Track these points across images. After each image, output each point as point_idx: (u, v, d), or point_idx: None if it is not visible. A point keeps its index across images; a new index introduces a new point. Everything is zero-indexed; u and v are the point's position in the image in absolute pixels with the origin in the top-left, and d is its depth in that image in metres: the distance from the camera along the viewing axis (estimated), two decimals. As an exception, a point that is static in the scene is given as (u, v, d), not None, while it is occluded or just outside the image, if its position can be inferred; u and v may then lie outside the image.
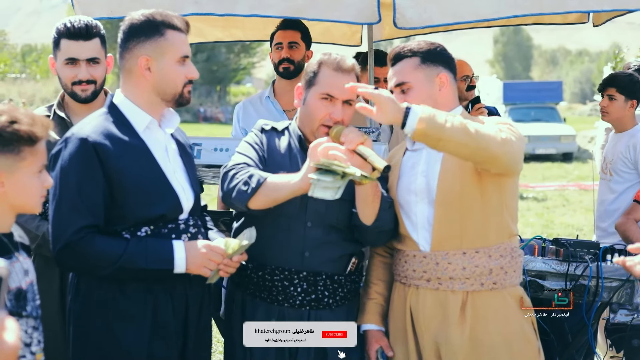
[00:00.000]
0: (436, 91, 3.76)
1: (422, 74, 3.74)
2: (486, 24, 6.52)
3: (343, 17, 4.58)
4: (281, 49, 5.75)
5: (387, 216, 3.72)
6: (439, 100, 3.74)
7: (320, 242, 3.75)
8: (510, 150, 3.48)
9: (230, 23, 6.96)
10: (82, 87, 4.16)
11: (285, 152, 3.84)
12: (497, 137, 3.43)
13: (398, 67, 3.78)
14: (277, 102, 5.79)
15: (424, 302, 3.76)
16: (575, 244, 4.60)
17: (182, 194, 3.52)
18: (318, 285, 3.77)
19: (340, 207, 3.71)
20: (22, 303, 2.90)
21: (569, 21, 6.50)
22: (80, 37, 4.12)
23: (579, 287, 4.51)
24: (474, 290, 3.70)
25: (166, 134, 3.59)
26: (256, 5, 4.59)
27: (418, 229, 3.77)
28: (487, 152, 3.43)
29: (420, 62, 3.75)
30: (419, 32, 6.11)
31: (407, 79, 3.75)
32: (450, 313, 3.70)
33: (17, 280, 2.89)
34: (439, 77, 3.76)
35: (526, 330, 3.77)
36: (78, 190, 3.32)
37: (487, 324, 3.69)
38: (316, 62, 3.79)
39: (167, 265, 3.39)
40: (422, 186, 3.75)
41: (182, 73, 3.49)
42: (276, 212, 3.70)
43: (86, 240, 3.30)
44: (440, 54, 3.80)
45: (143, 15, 3.46)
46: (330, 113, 3.70)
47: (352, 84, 3.55)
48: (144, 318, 3.42)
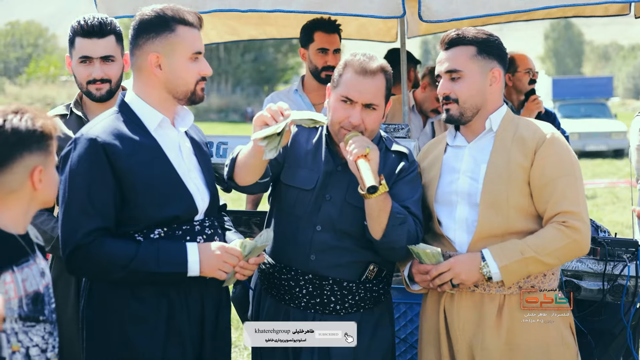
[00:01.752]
0: (487, 86, 3.67)
1: (477, 66, 3.64)
2: (524, 16, 6.44)
3: (366, 11, 4.49)
4: (326, 54, 5.67)
5: (397, 233, 3.56)
6: (487, 96, 3.67)
7: (329, 246, 3.67)
8: (584, 246, 3.57)
9: (264, 20, 6.96)
10: (96, 85, 4.10)
11: (311, 148, 3.78)
12: (573, 246, 3.53)
13: (452, 52, 3.67)
14: (305, 95, 5.75)
15: (459, 304, 3.67)
16: (613, 243, 4.46)
17: (196, 194, 3.44)
18: (324, 290, 3.69)
19: (354, 214, 3.63)
20: (39, 307, 2.86)
21: (610, 13, 6.38)
22: (93, 35, 4.06)
23: (617, 287, 4.38)
24: (511, 294, 3.60)
25: (180, 132, 3.51)
26: (279, 0, 4.51)
27: (456, 229, 3.69)
28: (573, 257, 3.69)
29: (477, 53, 3.64)
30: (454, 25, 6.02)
31: (460, 67, 3.65)
32: (487, 317, 3.62)
33: (34, 283, 2.85)
34: (492, 71, 3.66)
35: (564, 335, 3.67)
36: (87, 192, 3.25)
37: (526, 328, 3.60)
38: (343, 62, 3.71)
39: (180, 269, 3.31)
40: (465, 187, 3.66)
41: (194, 70, 3.40)
42: (290, 211, 3.70)
43: (96, 243, 3.23)
44: (498, 47, 3.70)
45: (153, 11, 3.38)
46: (349, 116, 3.61)
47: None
48: (158, 322, 3.35)
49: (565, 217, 3.49)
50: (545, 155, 3.55)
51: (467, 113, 3.66)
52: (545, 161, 3.55)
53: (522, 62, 6.82)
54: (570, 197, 3.51)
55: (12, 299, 2.75)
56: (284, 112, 3.41)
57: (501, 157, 3.60)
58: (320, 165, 3.72)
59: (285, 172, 3.76)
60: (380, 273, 3.77)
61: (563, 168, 3.55)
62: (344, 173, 3.64)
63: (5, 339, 2.72)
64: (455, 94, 3.64)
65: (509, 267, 3.49)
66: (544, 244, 3.49)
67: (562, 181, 3.53)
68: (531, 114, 6.53)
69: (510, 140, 3.62)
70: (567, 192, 3.52)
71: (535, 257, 3.48)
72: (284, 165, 3.76)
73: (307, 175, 3.72)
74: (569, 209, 3.50)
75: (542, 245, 3.48)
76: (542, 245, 3.48)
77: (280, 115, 3.40)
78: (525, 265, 3.49)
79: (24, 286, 2.79)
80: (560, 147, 3.59)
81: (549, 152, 3.55)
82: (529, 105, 6.56)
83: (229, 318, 3.68)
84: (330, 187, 3.70)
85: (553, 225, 3.51)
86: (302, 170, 3.72)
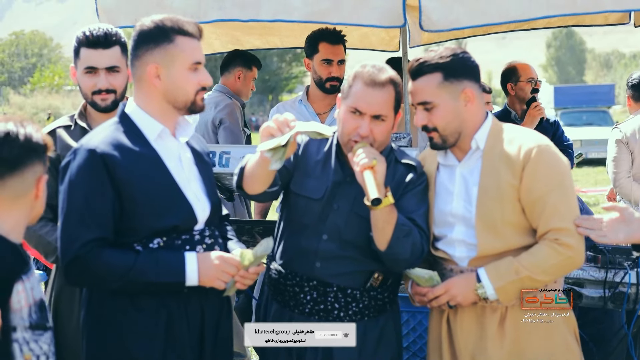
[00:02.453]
0: (462, 108, 3.59)
1: (446, 92, 3.57)
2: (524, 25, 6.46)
3: (368, 21, 4.51)
4: (330, 65, 5.66)
5: (402, 244, 3.56)
6: (465, 117, 3.61)
7: (334, 255, 3.68)
8: (579, 260, 3.54)
9: (267, 30, 6.98)
10: (101, 96, 4.10)
11: (321, 158, 3.78)
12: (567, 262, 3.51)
13: (419, 83, 3.60)
14: (309, 105, 5.76)
15: (462, 315, 3.67)
16: (613, 250, 4.47)
17: (196, 204, 3.44)
18: (328, 296, 3.69)
19: (360, 225, 3.63)
20: (44, 314, 2.89)
21: (609, 22, 6.40)
22: (99, 46, 4.06)
23: (618, 295, 4.38)
24: (513, 305, 3.60)
25: (180, 142, 3.51)
26: (280, 10, 4.54)
27: (455, 246, 3.67)
28: (566, 272, 3.65)
29: (443, 79, 3.56)
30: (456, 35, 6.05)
31: (430, 98, 3.58)
32: (489, 327, 3.61)
33: (38, 291, 2.88)
34: (464, 92, 3.58)
35: (569, 342, 3.66)
36: (86, 203, 3.25)
37: (530, 337, 3.59)
38: (353, 73, 3.71)
39: (179, 278, 3.31)
40: (460, 210, 3.64)
41: (193, 80, 3.40)
42: (298, 220, 3.72)
43: (94, 253, 3.23)
44: (464, 65, 3.60)
45: (152, 22, 3.38)
46: (358, 127, 3.62)
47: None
48: (157, 332, 3.35)
49: (558, 235, 3.46)
50: (533, 172, 3.50)
51: (450, 139, 3.63)
52: (533, 177, 3.50)
53: (524, 72, 6.84)
54: (561, 211, 3.48)
55: (23, 308, 2.77)
56: (290, 123, 3.43)
57: (491, 178, 3.57)
58: (329, 175, 3.73)
59: (294, 181, 3.77)
60: (386, 281, 3.77)
61: (551, 182, 3.50)
62: (352, 184, 3.64)
63: (18, 349, 2.75)
64: (432, 123, 3.60)
65: (504, 288, 3.50)
66: (538, 262, 3.47)
67: (552, 196, 3.49)
68: (534, 120, 6.54)
69: (498, 159, 3.57)
70: (558, 207, 3.48)
71: (530, 276, 3.47)
72: (294, 174, 3.77)
73: (316, 184, 3.73)
74: (561, 226, 3.46)
75: (536, 264, 3.47)
76: (536, 263, 3.47)
77: (287, 126, 3.42)
78: (520, 284, 3.49)
79: (32, 294, 2.82)
80: (548, 159, 3.54)
81: (535, 167, 3.50)
82: (531, 112, 6.57)
83: (230, 327, 3.68)
84: (338, 197, 3.70)
85: (546, 243, 3.49)
86: (311, 180, 3.74)
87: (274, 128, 3.41)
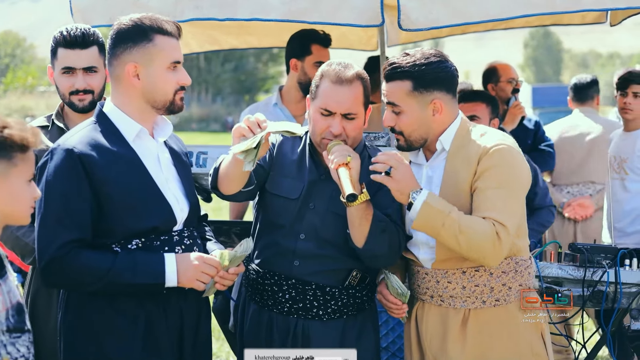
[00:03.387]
0: (429, 117, 3.58)
1: (415, 101, 3.55)
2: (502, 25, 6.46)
3: (345, 20, 4.48)
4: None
5: (379, 241, 3.56)
6: (432, 125, 3.59)
7: (312, 254, 3.68)
8: (496, 259, 3.45)
9: (244, 30, 6.95)
10: (79, 96, 4.08)
11: (296, 157, 3.78)
12: (486, 251, 3.40)
13: (390, 87, 3.59)
14: (285, 108, 5.71)
15: (427, 317, 3.69)
16: (592, 249, 4.47)
17: (175, 204, 3.42)
18: (307, 295, 3.69)
19: (337, 223, 3.64)
20: (22, 317, 2.84)
21: (587, 21, 6.40)
22: (76, 46, 4.04)
23: (597, 294, 4.38)
24: (475, 308, 3.60)
25: (159, 142, 3.48)
26: (257, 9, 4.51)
27: (419, 246, 3.68)
28: (474, 258, 3.47)
29: (412, 89, 3.53)
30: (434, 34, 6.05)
31: (398, 102, 3.57)
32: (450, 329, 3.61)
33: (15, 294, 2.84)
34: (433, 103, 3.55)
35: (534, 344, 3.65)
36: (63, 204, 3.22)
37: (492, 340, 3.59)
38: (319, 73, 3.71)
39: (158, 280, 3.28)
40: None
41: (172, 79, 3.38)
42: (274, 220, 3.71)
43: (72, 255, 3.20)
44: (436, 75, 3.55)
45: (131, 20, 3.36)
46: (329, 126, 3.62)
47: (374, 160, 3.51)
48: (135, 334, 3.32)
49: (495, 222, 3.40)
50: (485, 167, 3.47)
51: (415, 144, 3.63)
52: (483, 171, 3.47)
53: (504, 72, 6.86)
54: (499, 207, 3.42)
55: (0, 312, 2.74)
56: (261, 124, 3.41)
57: (451, 179, 3.56)
58: (304, 174, 3.73)
59: (270, 181, 3.76)
60: (364, 280, 3.77)
61: (497, 180, 3.45)
62: (327, 182, 3.64)
63: None
64: (399, 126, 3.59)
65: (429, 210, 3.39)
66: (472, 223, 3.39)
67: (494, 192, 3.44)
68: (515, 119, 6.57)
69: (460, 160, 3.56)
70: (497, 203, 3.43)
71: (458, 224, 3.37)
72: (269, 174, 3.76)
73: (292, 184, 3.72)
74: (497, 219, 3.40)
75: (469, 222, 3.39)
76: (470, 222, 3.39)
77: (258, 127, 3.40)
78: (441, 220, 3.38)
79: (9, 298, 2.78)
80: (502, 159, 3.49)
81: (488, 163, 3.47)
82: (512, 110, 6.59)
83: (209, 329, 3.67)
84: (314, 196, 3.70)
85: (487, 220, 3.41)
86: (287, 179, 3.73)
87: (245, 129, 3.40)
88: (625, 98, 6.08)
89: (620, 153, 6.13)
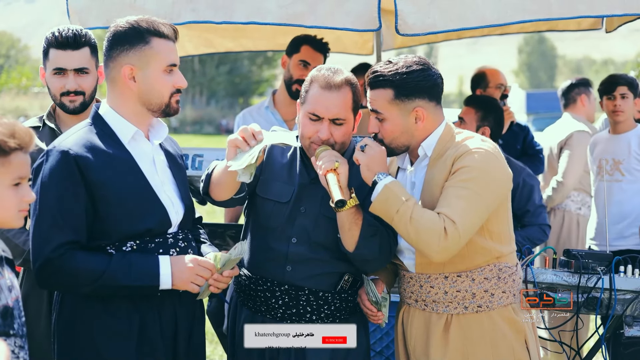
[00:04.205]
0: (411, 124, 3.59)
1: (397, 109, 3.56)
2: (497, 30, 6.47)
3: (342, 24, 4.47)
4: (306, 68, 5.64)
5: (369, 245, 3.57)
6: (415, 133, 3.61)
7: (305, 258, 3.68)
8: (441, 253, 3.41)
9: (240, 33, 6.95)
10: (70, 97, 4.08)
11: (286, 162, 3.79)
12: (432, 243, 3.38)
13: (373, 94, 3.60)
14: (277, 112, 5.74)
15: (412, 320, 3.71)
16: (587, 255, 4.47)
17: (170, 207, 3.42)
18: (300, 300, 3.69)
19: (329, 226, 3.64)
20: (9, 321, 2.80)
21: (582, 27, 6.42)
22: (68, 47, 4.04)
23: (591, 300, 4.38)
24: (458, 313, 3.60)
25: (154, 145, 3.48)
26: (254, 12, 4.50)
27: (403, 250, 3.69)
28: (421, 249, 3.45)
29: (394, 97, 3.54)
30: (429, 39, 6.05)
31: (380, 109, 3.58)
32: (433, 333, 3.62)
33: (3, 298, 2.79)
34: (415, 111, 3.56)
35: (517, 351, 3.65)
36: (58, 205, 3.21)
37: (474, 346, 3.59)
38: (309, 77, 3.71)
39: (152, 282, 3.28)
40: None
41: (168, 82, 3.38)
42: (265, 224, 3.70)
43: (66, 257, 3.20)
44: (417, 84, 3.55)
45: (128, 23, 3.36)
46: (318, 131, 3.62)
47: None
48: (129, 336, 3.31)
49: (445, 218, 3.38)
50: (455, 168, 3.48)
51: (397, 151, 3.65)
52: (453, 172, 3.48)
53: (493, 78, 6.88)
54: (453, 204, 3.40)
55: None
56: (257, 135, 3.42)
57: (430, 184, 3.57)
58: (295, 178, 3.73)
59: (260, 185, 3.76)
60: (355, 284, 3.78)
61: (462, 180, 3.44)
62: (318, 186, 3.65)
63: None
64: (381, 134, 3.61)
65: (388, 194, 3.42)
66: (423, 213, 3.39)
67: (454, 190, 3.44)
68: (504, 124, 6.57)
69: (439, 165, 3.56)
70: (452, 200, 3.41)
71: (410, 212, 3.38)
72: (260, 179, 3.75)
73: (282, 188, 3.72)
74: (448, 214, 3.39)
75: (421, 213, 3.39)
76: (421, 212, 3.39)
77: (253, 138, 3.41)
78: (397, 206, 3.40)
79: None
80: (473, 161, 3.47)
81: (458, 164, 3.47)
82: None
83: (203, 331, 3.67)
84: (305, 200, 3.70)
85: (440, 215, 3.40)
86: (277, 183, 3.73)
87: (240, 141, 3.41)
88: (614, 101, 6.16)
89: (613, 155, 6.21)
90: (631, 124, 6.21)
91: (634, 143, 6.10)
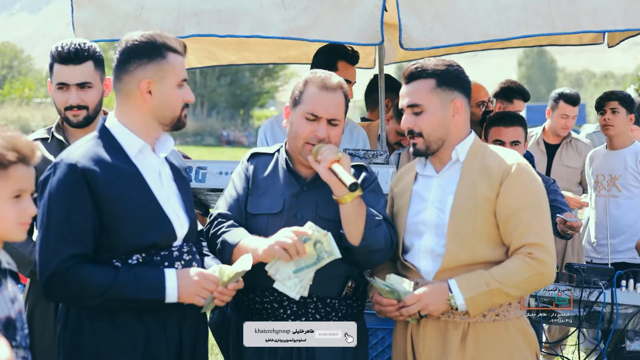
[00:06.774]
0: (449, 117, 3.65)
1: (437, 98, 3.62)
2: (499, 44, 6.49)
3: (345, 38, 4.50)
4: (350, 86, 5.50)
5: (375, 235, 3.60)
6: (451, 127, 3.65)
7: None
8: (550, 277, 3.58)
9: (243, 46, 6.96)
10: (73, 112, 4.10)
11: (270, 175, 3.81)
12: (543, 279, 3.56)
13: (412, 87, 3.66)
14: None
15: (424, 331, 3.66)
16: (588, 270, 4.49)
17: (175, 220, 3.42)
18: (308, 308, 3.69)
19: (328, 228, 3.61)
20: (11, 333, 2.80)
21: (584, 42, 6.44)
22: (70, 62, 4.05)
23: (593, 314, 4.39)
24: (475, 322, 3.60)
25: (160, 158, 3.49)
26: (257, 26, 4.52)
27: (420, 257, 3.68)
28: (535, 287, 3.67)
29: (436, 85, 3.62)
30: (433, 53, 6.07)
31: (420, 101, 3.63)
32: (450, 343, 3.60)
33: (5, 309, 2.79)
34: (453, 102, 3.64)
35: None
36: (66, 218, 3.22)
37: (490, 355, 3.59)
38: (302, 80, 3.75)
39: (158, 295, 3.28)
40: (432, 218, 3.66)
41: (180, 97, 3.41)
42: (266, 234, 3.64)
43: (74, 269, 3.20)
44: (457, 76, 3.67)
45: (143, 37, 3.37)
46: (315, 131, 3.65)
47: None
48: (134, 349, 3.31)
49: (531, 249, 3.49)
50: (511, 187, 3.54)
51: (433, 146, 3.66)
52: (510, 193, 3.54)
53: (474, 95, 6.75)
54: (535, 228, 3.52)
55: None
56: (301, 253, 3.47)
57: (467, 189, 3.60)
58: (280, 189, 3.75)
59: (250, 204, 3.77)
60: (357, 290, 3.79)
61: (528, 200, 3.55)
62: (311, 192, 3.69)
63: None
64: (419, 127, 3.64)
65: (474, 299, 3.49)
66: (509, 275, 3.49)
67: (527, 213, 3.53)
68: None
69: (476, 172, 3.61)
70: (533, 224, 3.52)
71: (500, 288, 3.47)
72: (248, 198, 3.78)
73: (270, 200, 3.74)
74: (534, 241, 3.50)
75: (507, 277, 3.48)
76: (507, 276, 3.48)
77: (297, 254, 3.47)
78: (490, 296, 3.49)
79: None
80: (526, 177, 3.59)
81: (514, 183, 3.55)
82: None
83: (206, 345, 3.67)
84: (300, 207, 3.71)
85: (519, 257, 3.51)
86: (264, 198, 3.75)
87: (290, 245, 3.46)
88: (604, 116, 6.29)
89: (609, 171, 6.34)
90: (627, 141, 6.34)
91: (630, 160, 6.24)
